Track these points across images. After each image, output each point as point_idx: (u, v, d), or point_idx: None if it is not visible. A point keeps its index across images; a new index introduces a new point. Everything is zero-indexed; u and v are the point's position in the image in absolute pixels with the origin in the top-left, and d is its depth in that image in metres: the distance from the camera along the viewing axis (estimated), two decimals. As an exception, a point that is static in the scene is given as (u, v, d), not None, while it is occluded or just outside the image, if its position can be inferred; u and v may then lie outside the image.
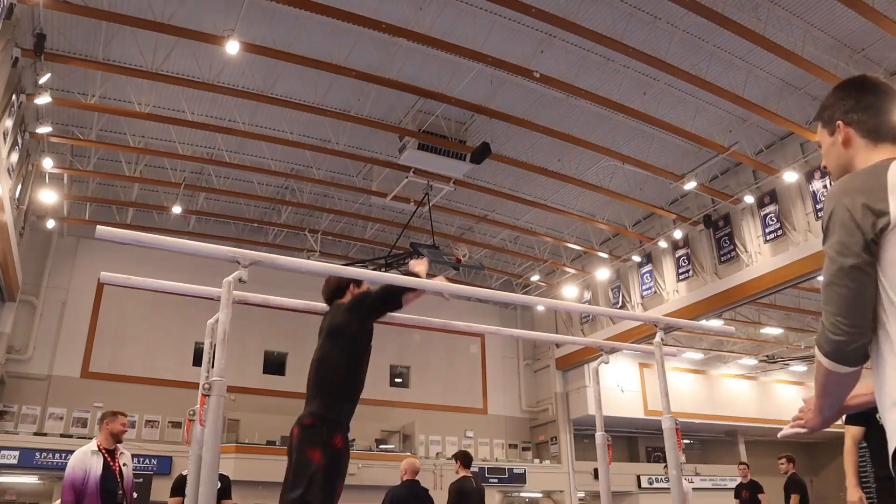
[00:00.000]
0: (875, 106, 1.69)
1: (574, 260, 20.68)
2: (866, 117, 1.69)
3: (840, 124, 1.72)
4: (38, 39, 11.26)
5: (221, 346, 2.85)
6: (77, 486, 4.79)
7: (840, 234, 1.51)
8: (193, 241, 4.06)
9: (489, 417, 22.03)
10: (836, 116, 1.74)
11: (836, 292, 1.49)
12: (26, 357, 16.64)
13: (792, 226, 15.05)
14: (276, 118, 14.24)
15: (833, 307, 1.49)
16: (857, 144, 1.69)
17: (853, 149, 1.70)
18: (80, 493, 4.77)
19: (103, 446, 5.01)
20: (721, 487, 21.12)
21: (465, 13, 11.75)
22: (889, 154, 1.64)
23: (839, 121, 1.72)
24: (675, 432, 3.82)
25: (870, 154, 1.66)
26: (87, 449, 4.99)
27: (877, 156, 1.64)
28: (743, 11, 11.20)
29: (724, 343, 24.10)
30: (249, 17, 11.64)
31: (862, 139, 1.69)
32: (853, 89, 1.74)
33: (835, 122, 1.74)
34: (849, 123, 1.70)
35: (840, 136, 1.72)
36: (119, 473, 4.98)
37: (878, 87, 1.72)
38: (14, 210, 13.69)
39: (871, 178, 1.54)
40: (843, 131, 1.71)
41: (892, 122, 1.69)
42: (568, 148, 15.05)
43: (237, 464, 15.28)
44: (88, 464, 4.88)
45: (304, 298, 4.23)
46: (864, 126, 1.69)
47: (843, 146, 1.72)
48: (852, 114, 1.70)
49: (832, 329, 1.49)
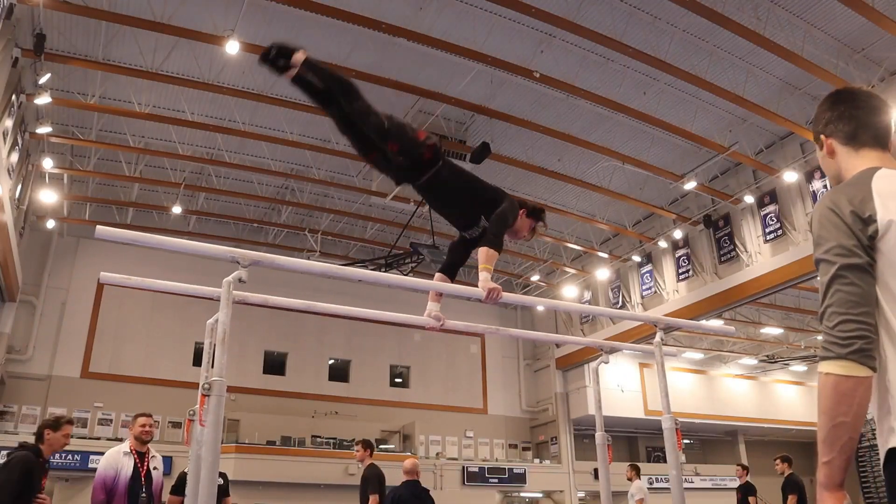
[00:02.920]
0: (848, 113, 1.76)
1: (574, 260, 20.69)
2: (842, 125, 1.76)
3: (822, 137, 1.81)
4: (38, 39, 11.26)
5: (221, 346, 2.85)
6: (108, 485, 4.79)
7: (838, 239, 1.51)
8: (193, 241, 4.06)
9: (489, 417, 22.03)
10: (818, 130, 1.82)
11: (846, 291, 1.46)
12: (26, 357, 16.64)
13: (792, 226, 15.05)
14: (276, 118, 14.24)
15: (843, 307, 1.45)
16: (840, 152, 1.76)
17: (838, 157, 1.77)
18: (110, 493, 4.78)
19: (134, 448, 5.04)
20: (721, 487, 21.12)
21: (465, 13, 11.75)
22: (872, 159, 1.69)
23: (821, 134, 1.81)
24: (675, 432, 3.82)
25: (853, 160, 1.72)
26: (119, 449, 5.01)
27: (860, 161, 1.70)
28: (743, 11, 11.20)
29: (724, 343, 24.10)
30: (249, 17, 11.63)
31: (843, 146, 1.76)
32: (830, 102, 1.82)
33: (819, 137, 1.82)
34: (829, 135, 1.79)
35: (825, 148, 1.80)
36: (146, 476, 5.00)
37: (851, 96, 1.79)
38: (14, 210, 13.69)
39: (857, 188, 1.57)
40: (826, 143, 1.79)
41: (869, 124, 1.74)
42: (568, 148, 15.05)
43: (237, 464, 15.28)
44: (120, 464, 4.90)
45: (304, 298, 4.23)
46: (843, 133, 1.75)
47: (829, 157, 1.79)
48: (830, 125, 1.79)
49: (844, 328, 1.43)
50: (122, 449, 5.02)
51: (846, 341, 1.42)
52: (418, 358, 21.41)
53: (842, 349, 1.42)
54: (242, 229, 18.83)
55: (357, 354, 20.51)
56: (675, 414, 3.91)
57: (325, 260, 17.98)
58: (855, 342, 1.41)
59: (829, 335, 1.45)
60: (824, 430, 1.43)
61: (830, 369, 1.43)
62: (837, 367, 1.42)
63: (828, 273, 1.50)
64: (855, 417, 1.41)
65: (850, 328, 1.43)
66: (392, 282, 3.77)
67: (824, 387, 1.44)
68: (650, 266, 18.66)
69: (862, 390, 1.41)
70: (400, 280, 4.51)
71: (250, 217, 18.15)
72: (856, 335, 1.42)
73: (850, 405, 1.41)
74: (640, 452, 24.67)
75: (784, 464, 8.88)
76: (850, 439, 1.42)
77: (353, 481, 17.21)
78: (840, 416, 1.42)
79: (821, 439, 1.44)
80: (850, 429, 1.42)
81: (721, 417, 23.54)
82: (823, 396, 1.44)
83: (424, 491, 7.02)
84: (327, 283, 18.60)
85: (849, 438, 1.42)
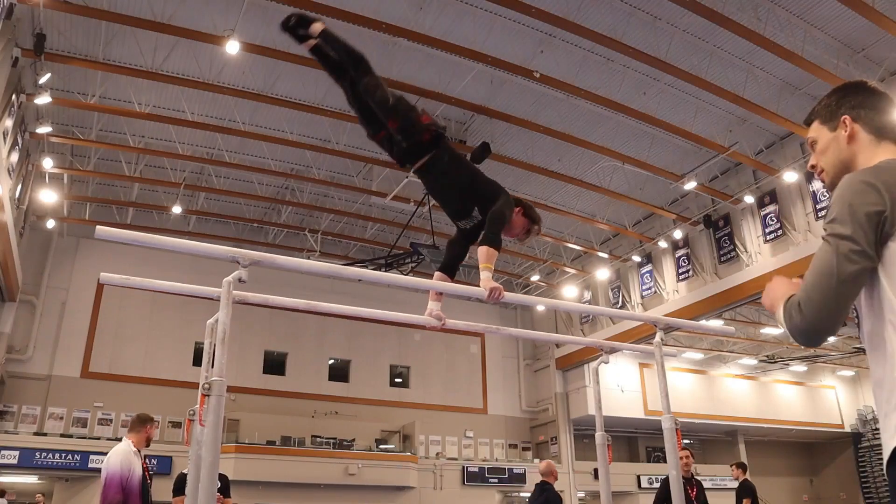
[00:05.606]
0: (880, 106, 1.71)
1: (574, 260, 20.69)
2: (873, 114, 1.70)
3: (847, 119, 1.72)
4: (38, 39, 11.26)
5: (221, 346, 2.85)
6: (124, 484, 4.78)
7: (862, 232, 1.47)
8: (193, 241, 4.06)
9: (489, 417, 22.03)
10: (841, 112, 1.73)
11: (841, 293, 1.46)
12: (26, 357, 16.64)
13: (792, 226, 15.05)
14: (276, 118, 14.24)
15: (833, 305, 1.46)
16: (862, 140, 1.70)
17: (857, 144, 1.70)
18: (125, 492, 4.77)
19: (139, 448, 5.05)
20: (721, 487, 21.07)
21: (465, 13, 11.75)
22: (891, 152, 1.65)
23: (846, 115, 1.72)
24: (675, 432, 3.82)
25: (873, 151, 1.67)
26: (128, 449, 4.98)
27: (881, 153, 1.65)
28: (743, 11, 11.20)
29: (724, 343, 24.09)
30: (249, 17, 11.63)
31: (867, 135, 1.69)
32: (858, 89, 1.75)
33: (839, 118, 1.73)
34: (855, 119, 1.71)
35: (845, 131, 1.72)
36: (150, 476, 5.08)
37: (879, 91, 1.75)
38: (14, 210, 13.69)
39: (890, 174, 1.53)
40: (850, 126, 1.71)
41: (893, 122, 1.70)
42: (568, 148, 15.05)
43: (237, 464, 15.28)
44: (133, 463, 4.91)
45: (304, 298, 4.23)
46: (871, 123, 1.70)
47: (847, 141, 1.71)
48: (859, 109, 1.71)
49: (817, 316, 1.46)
50: (131, 448, 5.01)
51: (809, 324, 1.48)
52: (418, 358, 21.41)
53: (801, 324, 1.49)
54: (242, 229, 18.83)
55: (357, 354, 20.51)
56: (675, 414, 3.91)
57: (325, 260, 17.97)
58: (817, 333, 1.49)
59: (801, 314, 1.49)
60: None
61: (781, 319, 1.54)
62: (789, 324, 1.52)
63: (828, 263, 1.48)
64: None
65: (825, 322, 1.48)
66: (392, 281, 3.76)
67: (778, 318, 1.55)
68: (650, 266, 18.66)
69: None
70: (400, 280, 4.51)
71: (250, 217, 18.15)
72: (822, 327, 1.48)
73: None
74: (640, 452, 24.67)
75: (738, 469, 9.25)
76: None
77: (353, 481, 17.31)
78: None
79: None
80: None
81: (721, 417, 23.54)
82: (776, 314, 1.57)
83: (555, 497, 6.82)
84: (327, 283, 18.61)
85: None
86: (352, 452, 17.84)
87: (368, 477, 17.39)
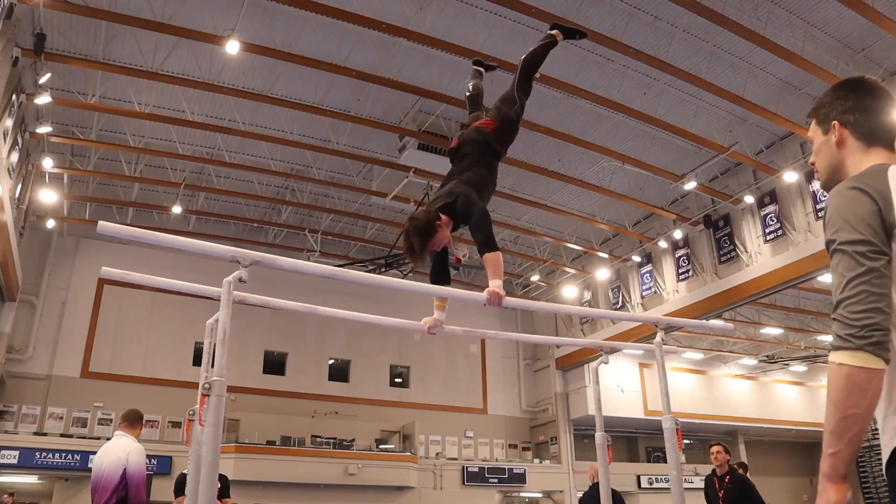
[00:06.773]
0: (872, 108, 1.69)
1: (574, 260, 20.68)
2: (863, 119, 1.68)
3: (836, 124, 1.71)
4: (38, 39, 11.26)
5: (221, 346, 2.84)
6: None
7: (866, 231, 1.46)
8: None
9: (489, 417, 22.02)
10: (832, 116, 1.73)
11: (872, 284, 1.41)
12: (26, 357, 16.64)
13: (792, 226, 15.05)
14: (276, 118, 14.23)
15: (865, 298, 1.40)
16: (851, 146, 1.69)
17: (846, 150, 1.70)
18: None
19: None
20: (721, 487, 21.10)
21: (465, 13, 11.74)
22: (881, 157, 1.64)
23: (835, 121, 1.71)
24: (675, 432, 3.81)
25: (862, 157, 1.66)
26: (140, 447, 4.99)
27: (869, 159, 1.64)
28: (743, 11, 11.20)
29: (724, 343, 24.10)
30: (249, 17, 11.64)
31: (856, 141, 1.68)
32: (851, 90, 1.73)
33: (830, 122, 1.73)
34: (844, 124, 1.70)
35: (834, 136, 1.71)
36: None
37: (875, 90, 1.72)
38: (14, 210, 13.69)
39: (877, 180, 1.52)
40: (839, 132, 1.70)
41: (886, 125, 1.68)
42: (568, 148, 15.05)
43: (237, 464, 15.28)
44: None
45: (305, 297, 4.23)
46: (860, 128, 1.68)
47: (837, 146, 1.71)
48: (849, 114, 1.70)
49: (865, 319, 1.38)
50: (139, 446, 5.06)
51: (865, 331, 1.38)
52: (418, 358, 21.40)
53: (860, 340, 1.37)
54: (242, 229, 18.83)
55: (357, 354, 20.50)
56: (675, 414, 3.91)
57: (325, 260, 17.96)
58: (874, 334, 1.38)
59: (847, 324, 1.40)
60: (833, 421, 1.39)
61: (844, 360, 1.39)
62: (852, 357, 1.38)
63: (852, 268, 1.44)
64: (867, 409, 1.38)
65: (871, 320, 1.38)
66: (393, 286, 3.77)
67: (836, 377, 1.39)
68: (650, 266, 18.65)
69: (876, 382, 1.38)
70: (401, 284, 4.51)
71: (250, 217, 18.14)
72: (876, 327, 1.38)
73: (863, 397, 1.37)
74: (640, 452, 24.67)
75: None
76: (859, 431, 1.38)
77: (353, 481, 17.31)
78: (852, 407, 1.38)
79: (828, 430, 1.40)
80: (860, 421, 1.38)
81: (721, 417, 23.54)
82: (835, 387, 1.39)
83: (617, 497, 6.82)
84: (327, 283, 18.57)
85: (858, 430, 1.38)
86: (352, 452, 17.85)
87: (368, 477, 17.39)
